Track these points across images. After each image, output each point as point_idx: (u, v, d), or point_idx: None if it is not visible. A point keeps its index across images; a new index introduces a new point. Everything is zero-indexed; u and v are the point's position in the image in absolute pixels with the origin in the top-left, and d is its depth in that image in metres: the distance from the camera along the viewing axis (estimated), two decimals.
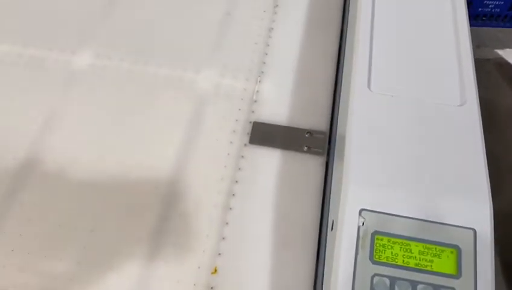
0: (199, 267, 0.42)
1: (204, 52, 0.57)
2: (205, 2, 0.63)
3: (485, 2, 1.58)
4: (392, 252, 0.33)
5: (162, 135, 0.51)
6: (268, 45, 0.58)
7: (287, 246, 0.43)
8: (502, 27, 1.68)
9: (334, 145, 0.47)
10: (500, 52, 1.32)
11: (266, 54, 0.57)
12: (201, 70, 0.56)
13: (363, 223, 0.34)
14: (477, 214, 0.34)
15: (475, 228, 0.34)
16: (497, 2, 1.62)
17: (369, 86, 0.41)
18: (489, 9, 1.62)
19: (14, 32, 0.59)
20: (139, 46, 0.58)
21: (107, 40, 0.58)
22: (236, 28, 0.60)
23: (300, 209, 0.46)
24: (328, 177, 0.46)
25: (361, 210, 0.34)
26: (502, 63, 1.36)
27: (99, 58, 0.57)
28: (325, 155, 0.49)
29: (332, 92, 0.54)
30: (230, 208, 0.46)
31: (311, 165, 0.49)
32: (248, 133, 0.51)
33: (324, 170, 0.48)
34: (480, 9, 1.65)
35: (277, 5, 0.62)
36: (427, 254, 0.33)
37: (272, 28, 0.60)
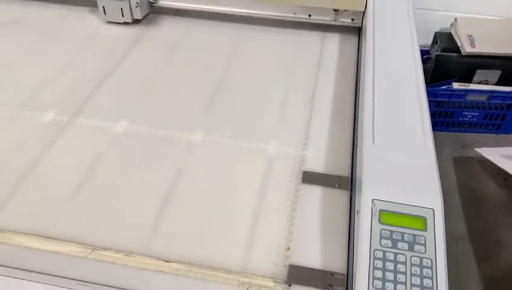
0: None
1: (270, 128, 0.93)
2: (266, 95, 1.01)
3: (464, 113, 1.99)
4: (390, 219, 0.64)
5: (246, 180, 0.83)
6: (309, 126, 0.94)
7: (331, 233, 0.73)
8: (480, 133, 2.07)
9: (355, 181, 0.79)
10: (480, 151, 1.67)
11: (308, 132, 0.92)
12: (270, 142, 0.90)
13: (374, 205, 0.65)
14: (434, 201, 0.65)
15: (433, 208, 0.65)
16: (474, 113, 2.02)
17: (373, 143, 0.74)
18: (468, 119, 2.02)
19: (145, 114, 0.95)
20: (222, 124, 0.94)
21: (216, 124, 0.94)
22: (289, 112, 0.97)
23: (336, 213, 0.76)
24: (352, 202, 0.78)
25: (373, 199, 0.66)
26: (482, 160, 1.72)
27: (208, 136, 0.92)
28: (349, 189, 0.81)
29: (351, 150, 0.87)
30: (294, 217, 0.77)
31: (341, 196, 0.80)
32: (301, 177, 0.84)
33: (349, 198, 0.80)
34: (460, 118, 2.05)
35: (314, 98, 1.01)
36: (409, 220, 0.64)
37: (311, 117, 0.96)
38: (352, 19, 1.28)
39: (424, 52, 2.29)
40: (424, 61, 2.24)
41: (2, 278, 0.64)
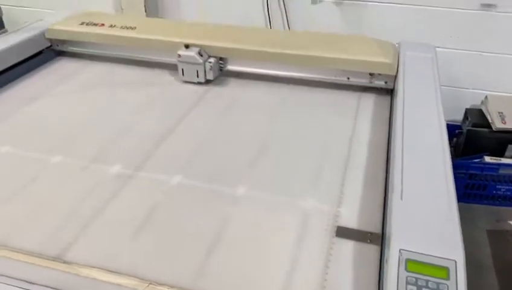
0: None
1: (307, 185, 1.03)
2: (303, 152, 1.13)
3: (497, 186, 2.02)
4: (415, 268, 0.71)
5: (284, 231, 0.92)
6: (344, 184, 1.03)
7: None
8: None
9: (385, 235, 0.87)
10: None
11: (343, 191, 1.02)
12: (307, 198, 1.00)
13: (401, 255, 0.73)
14: (456, 253, 0.72)
15: (456, 260, 0.71)
16: (507, 187, 2.05)
17: (401, 199, 0.83)
18: (502, 192, 2.05)
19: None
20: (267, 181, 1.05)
21: (259, 179, 1.06)
22: (325, 170, 1.07)
23: (367, 266, 0.83)
24: (382, 254, 0.85)
25: (400, 249, 0.73)
26: None
27: (250, 191, 1.03)
28: (380, 245, 0.89)
29: (383, 208, 0.96)
30: (328, 267, 0.84)
31: (371, 250, 0.88)
32: (335, 231, 0.92)
33: (380, 252, 0.87)
34: (494, 191, 2.07)
35: (349, 158, 1.12)
36: (433, 270, 0.71)
37: (345, 177, 1.06)
38: (386, 82, 1.46)
39: (456, 127, 2.37)
40: (455, 135, 2.33)
41: None
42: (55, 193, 1.03)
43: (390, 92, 1.46)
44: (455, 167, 2.06)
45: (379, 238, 0.90)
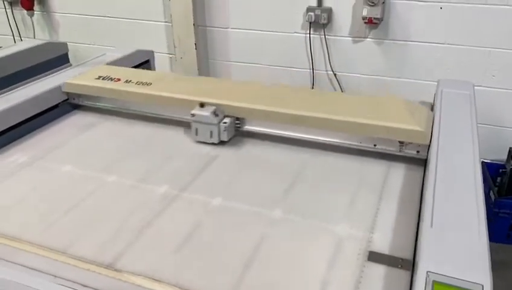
0: None
1: (336, 213, 1.08)
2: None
3: None
4: (442, 288, 0.74)
5: (318, 253, 0.97)
6: (376, 217, 1.07)
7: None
8: None
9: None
10: None
11: (376, 219, 1.06)
12: (339, 224, 1.05)
13: (428, 276, 0.76)
14: (484, 278, 0.75)
15: (483, 284, 0.74)
16: None
17: (431, 226, 0.87)
18: None
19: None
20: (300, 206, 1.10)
21: (291, 205, 1.12)
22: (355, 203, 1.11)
23: (395, 285, 0.86)
24: (413, 279, 0.88)
25: (427, 271, 0.77)
26: None
27: (287, 214, 1.09)
28: (411, 271, 0.92)
29: (415, 236, 0.99)
30: (360, 282, 0.88)
31: (402, 276, 0.91)
32: (367, 256, 0.96)
33: (410, 279, 0.90)
34: None
35: (384, 187, 1.15)
36: None
37: (379, 208, 1.10)
38: (418, 151, 1.29)
39: (500, 166, 2.34)
40: (500, 175, 2.29)
41: None
42: (109, 208, 1.14)
43: (423, 163, 1.28)
44: (499, 207, 2.04)
45: (410, 264, 0.93)
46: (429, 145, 1.23)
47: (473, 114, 1.34)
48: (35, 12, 3.34)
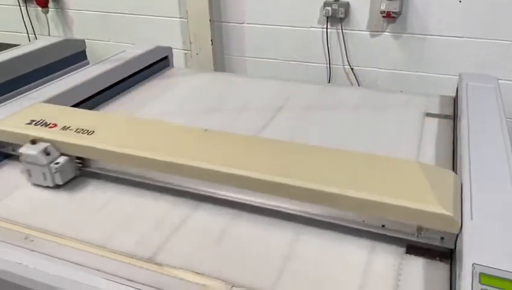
0: None
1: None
2: None
3: None
4: (489, 281, 0.74)
5: (357, 247, 0.98)
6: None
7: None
8: None
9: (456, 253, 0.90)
10: None
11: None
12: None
13: (474, 269, 0.76)
14: None
15: None
16: None
17: (471, 218, 0.87)
18: None
19: None
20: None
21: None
22: None
23: (435, 278, 0.87)
24: (452, 271, 0.88)
25: (473, 264, 0.77)
26: None
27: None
28: (449, 263, 0.92)
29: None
30: (400, 274, 0.89)
31: (441, 267, 0.91)
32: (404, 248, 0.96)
33: (449, 272, 0.90)
34: None
35: None
36: (507, 283, 0.74)
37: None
38: (442, 238, 0.92)
39: None
40: None
41: None
42: (146, 204, 1.15)
43: (449, 256, 0.94)
44: None
45: (448, 256, 0.94)
46: (458, 235, 0.89)
47: (501, 109, 1.34)
48: (49, 9, 3.36)
